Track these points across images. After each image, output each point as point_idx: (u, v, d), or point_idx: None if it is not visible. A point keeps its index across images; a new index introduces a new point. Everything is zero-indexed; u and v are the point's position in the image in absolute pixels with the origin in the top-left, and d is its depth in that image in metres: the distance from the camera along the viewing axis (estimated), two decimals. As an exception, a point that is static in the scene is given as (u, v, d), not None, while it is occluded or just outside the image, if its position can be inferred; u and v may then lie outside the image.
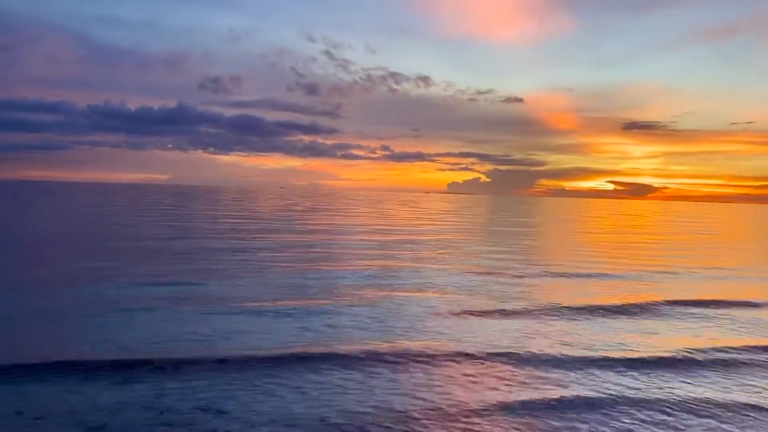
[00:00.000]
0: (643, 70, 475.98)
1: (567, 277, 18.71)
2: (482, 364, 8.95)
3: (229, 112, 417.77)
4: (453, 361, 9.04)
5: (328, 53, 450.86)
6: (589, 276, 19.00)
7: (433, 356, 9.20)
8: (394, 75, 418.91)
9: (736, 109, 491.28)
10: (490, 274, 18.60)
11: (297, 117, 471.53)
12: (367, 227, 39.49)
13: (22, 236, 26.46)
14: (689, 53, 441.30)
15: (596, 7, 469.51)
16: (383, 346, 9.62)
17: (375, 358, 9.03)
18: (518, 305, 13.41)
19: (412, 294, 14.59)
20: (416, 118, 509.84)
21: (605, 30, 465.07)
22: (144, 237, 27.31)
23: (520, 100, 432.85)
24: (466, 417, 6.86)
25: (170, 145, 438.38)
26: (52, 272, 16.38)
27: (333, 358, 8.92)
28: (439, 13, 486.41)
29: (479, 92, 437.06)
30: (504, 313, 12.62)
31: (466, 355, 9.33)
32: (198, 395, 7.27)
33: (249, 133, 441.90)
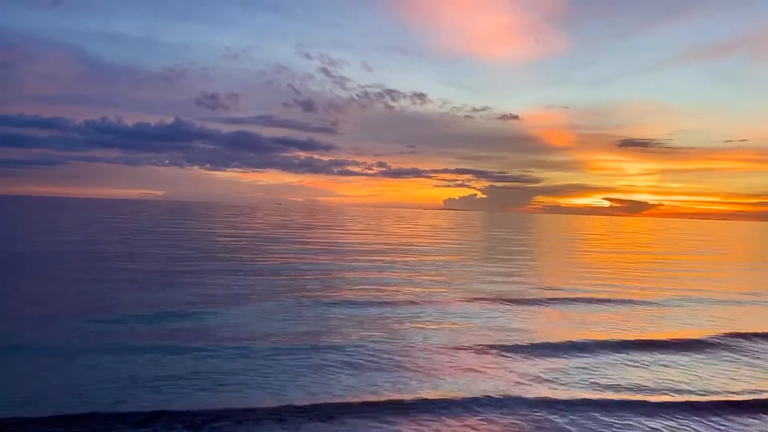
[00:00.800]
0: (638, 88, 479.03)
1: (595, 303, 16.48)
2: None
3: (226, 129, 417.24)
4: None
5: (325, 70, 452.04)
6: (616, 302, 16.78)
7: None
8: (390, 92, 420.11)
9: (729, 127, 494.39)
10: (502, 301, 16.36)
11: (294, 133, 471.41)
12: (366, 246, 37.23)
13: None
14: (683, 72, 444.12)
15: (591, 27, 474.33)
16: (427, 394, 7.69)
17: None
18: (547, 339, 11.20)
19: (427, 327, 12.34)
20: (412, 135, 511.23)
21: (600, 49, 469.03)
22: (131, 256, 24.97)
23: (516, 117, 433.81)
24: None
25: (166, 161, 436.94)
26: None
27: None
28: (436, 32, 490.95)
29: (475, 109, 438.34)
30: (532, 350, 10.43)
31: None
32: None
33: (245, 149, 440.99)
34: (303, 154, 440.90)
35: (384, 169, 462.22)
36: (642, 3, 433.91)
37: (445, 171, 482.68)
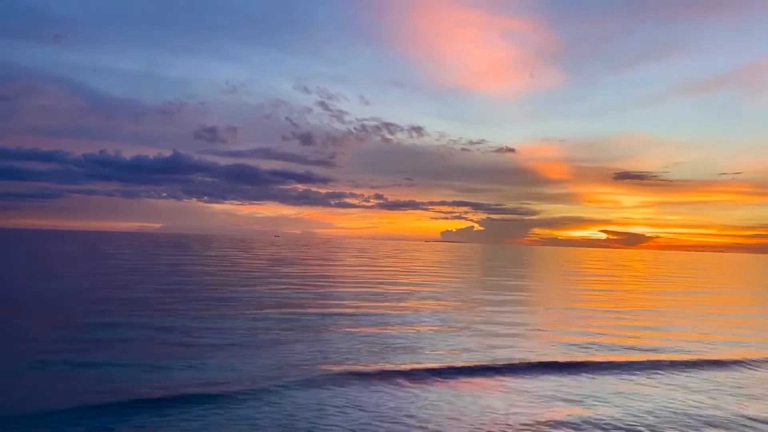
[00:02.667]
0: (633, 121, 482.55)
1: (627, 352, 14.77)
2: None
3: (224, 162, 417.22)
4: None
5: (323, 104, 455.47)
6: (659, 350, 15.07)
7: None
8: (387, 125, 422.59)
9: (724, 160, 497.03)
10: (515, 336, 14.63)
11: (291, 166, 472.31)
12: (366, 280, 35.48)
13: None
14: (677, 106, 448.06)
15: (585, 61, 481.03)
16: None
17: None
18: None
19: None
20: (409, 167, 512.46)
21: (594, 83, 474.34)
22: (120, 293, 23.22)
23: (512, 150, 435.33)
24: None
25: (164, 194, 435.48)
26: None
27: None
28: (432, 66, 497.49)
29: (471, 142, 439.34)
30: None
31: None
32: None
33: (243, 181, 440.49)
34: (300, 187, 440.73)
35: (381, 201, 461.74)
36: (634, 39, 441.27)
37: (442, 203, 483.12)
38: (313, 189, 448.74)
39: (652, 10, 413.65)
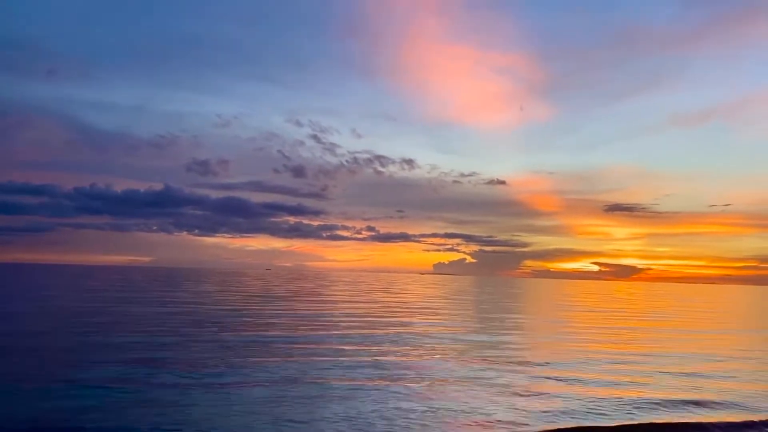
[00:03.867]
0: (622, 153, 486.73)
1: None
2: None
3: (216, 195, 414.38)
4: None
5: (315, 137, 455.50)
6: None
7: None
8: (379, 158, 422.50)
9: (713, 192, 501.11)
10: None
11: (283, 198, 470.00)
12: (361, 317, 33.24)
13: None
14: (666, 138, 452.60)
15: (574, 95, 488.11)
16: None
17: None
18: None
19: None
20: (401, 200, 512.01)
21: (584, 116, 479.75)
22: (99, 329, 20.90)
23: (503, 182, 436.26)
24: None
25: (155, 227, 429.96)
26: None
27: None
28: (424, 100, 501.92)
29: (463, 174, 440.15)
30: None
31: None
32: None
33: (235, 214, 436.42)
34: (292, 219, 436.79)
35: (373, 233, 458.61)
36: (623, 73, 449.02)
37: (434, 235, 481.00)
38: (305, 221, 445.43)
39: (640, 43, 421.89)
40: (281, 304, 43.73)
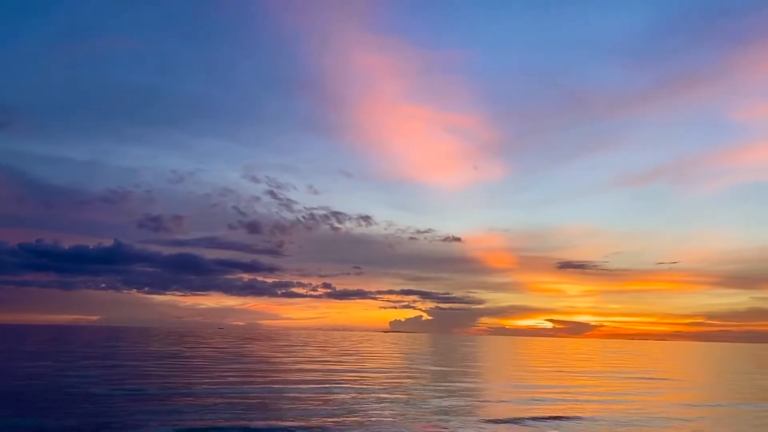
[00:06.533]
0: (573, 212, 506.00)
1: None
2: None
3: (168, 251, 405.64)
4: None
5: (271, 193, 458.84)
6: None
7: None
8: (336, 214, 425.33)
9: (661, 250, 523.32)
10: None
11: (237, 255, 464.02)
12: (316, 383, 35.58)
13: None
14: (614, 198, 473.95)
15: (526, 155, 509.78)
16: None
17: None
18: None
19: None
20: (358, 256, 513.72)
21: (535, 175, 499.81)
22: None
23: (459, 239, 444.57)
24: None
25: (103, 285, 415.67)
26: None
27: None
28: (380, 158, 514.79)
29: (419, 231, 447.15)
30: None
31: None
32: None
33: (187, 271, 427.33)
34: (246, 276, 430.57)
35: (329, 290, 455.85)
36: (572, 135, 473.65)
37: (391, 292, 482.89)
38: (260, 278, 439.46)
39: (588, 106, 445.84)
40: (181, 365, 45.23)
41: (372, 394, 27.88)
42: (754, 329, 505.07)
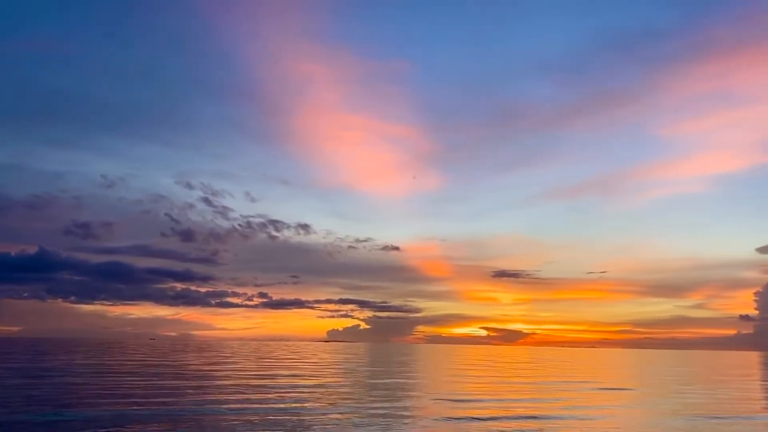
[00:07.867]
0: (508, 222, 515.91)
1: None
2: None
3: (96, 259, 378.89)
4: None
5: (206, 200, 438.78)
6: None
7: None
8: (274, 222, 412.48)
9: (590, 260, 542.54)
10: None
11: (170, 264, 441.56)
12: (247, 397, 29.66)
13: None
14: (547, 209, 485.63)
15: (463, 166, 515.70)
16: None
17: None
18: None
19: None
20: (296, 265, 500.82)
21: (472, 186, 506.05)
22: None
23: (397, 248, 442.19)
24: None
25: (25, 294, 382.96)
26: None
27: None
28: (319, 166, 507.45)
29: (358, 240, 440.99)
30: None
31: None
32: None
33: (116, 280, 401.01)
34: (179, 286, 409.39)
35: (265, 300, 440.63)
36: (506, 148, 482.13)
37: (329, 301, 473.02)
38: (193, 288, 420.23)
39: (521, 120, 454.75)
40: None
41: (304, 406, 22.51)
42: (677, 336, 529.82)
